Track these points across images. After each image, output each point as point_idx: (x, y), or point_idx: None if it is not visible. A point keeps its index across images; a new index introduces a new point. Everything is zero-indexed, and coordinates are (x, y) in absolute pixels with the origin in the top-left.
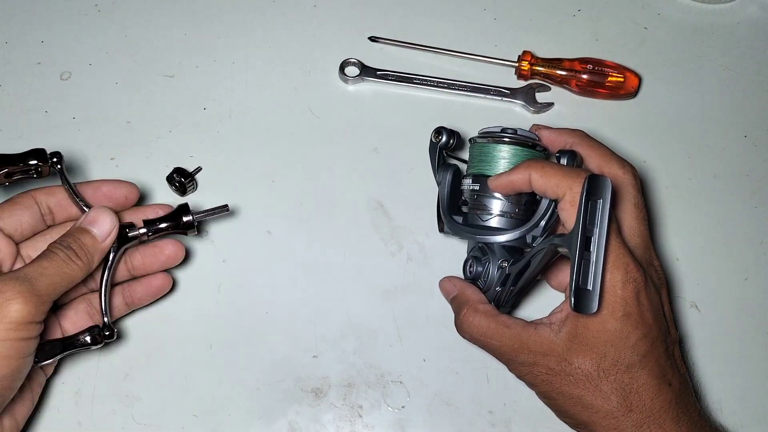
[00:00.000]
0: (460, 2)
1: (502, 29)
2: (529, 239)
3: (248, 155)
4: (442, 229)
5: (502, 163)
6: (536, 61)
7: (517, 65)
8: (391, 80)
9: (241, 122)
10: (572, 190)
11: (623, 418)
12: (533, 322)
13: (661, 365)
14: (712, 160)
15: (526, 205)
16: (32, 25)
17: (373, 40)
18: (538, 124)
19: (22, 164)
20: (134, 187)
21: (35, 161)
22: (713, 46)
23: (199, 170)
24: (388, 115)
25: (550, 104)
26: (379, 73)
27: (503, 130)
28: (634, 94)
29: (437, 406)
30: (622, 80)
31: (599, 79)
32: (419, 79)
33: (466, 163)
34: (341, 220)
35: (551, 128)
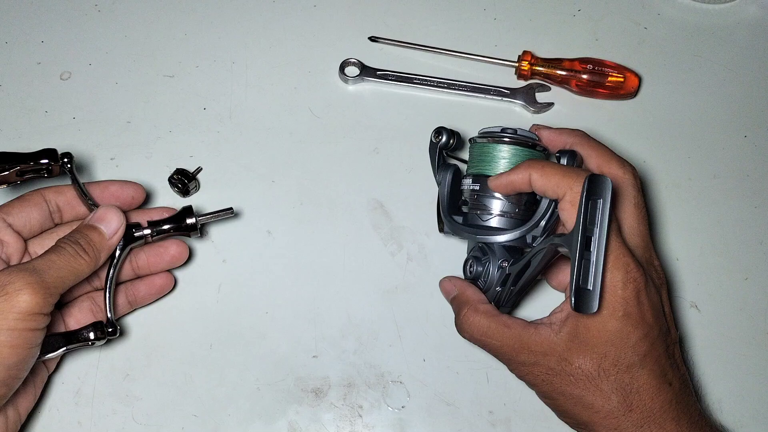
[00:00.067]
0: (460, 2)
1: (502, 29)
2: (529, 239)
3: (248, 155)
4: (442, 229)
5: (502, 163)
6: (536, 61)
7: (517, 65)
8: (391, 80)
9: (241, 122)
10: (572, 190)
11: (623, 417)
12: (533, 322)
13: (661, 365)
14: (712, 160)
15: (526, 205)
16: (32, 25)
17: (373, 40)
18: (538, 124)
19: (33, 163)
20: (141, 188)
21: (47, 160)
22: (713, 46)
23: (199, 170)
24: (388, 115)
25: (550, 104)
26: (379, 73)
27: (503, 130)
28: (634, 94)
29: (437, 406)
30: (622, 80)
31: (599, 79)
32: (419, 79)
33: (466, 163)
34: (341, 220)
35: (551, 128)
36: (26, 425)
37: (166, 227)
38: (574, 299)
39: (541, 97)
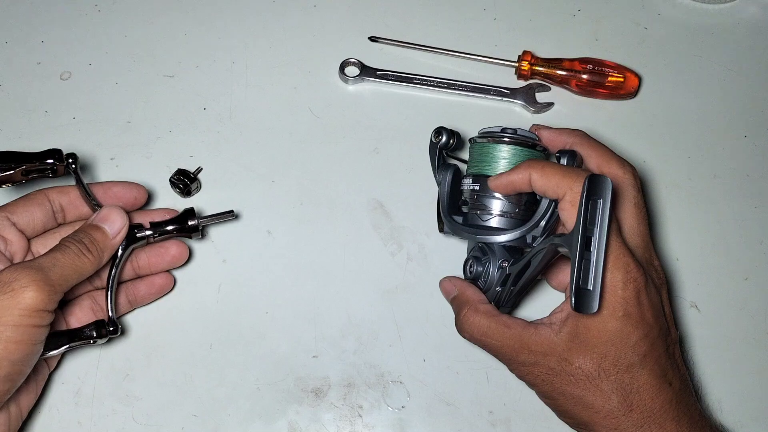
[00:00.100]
0: (460, 2)
1: (502, 29)
2: (529, 239)
3: (248, 155)
4: (442, 229)
5: (502, 163)
6: (536, 61)
7: (517, 65)
8: (391, 80)
9: (241, 122)
10: (572, 190)
11: (624, 417)
12: (534, 322)
13: (661, 365)
14: (711, 160)
15: (526, 205)
16: (32, 25)
17: (373, 40)
18: (538, 124)
19: (38, 163)
20: (143, 189)
21: (51, 160)
22: (713, 46)
23: (199, 171)
24: (388, 115)
25: (550, 104)
26: (379, 73)
27: (503, 130)
28: (634, 94)
29: (437, 406)
30: (622, 80)
31: (599, 79)
32: (419, 79)
33: (466, 163)
34: (341, 220)
35: (551, 128)
36: (26, 425)
37: (168, 228)
38: (574, 299)
39: (541, 97)
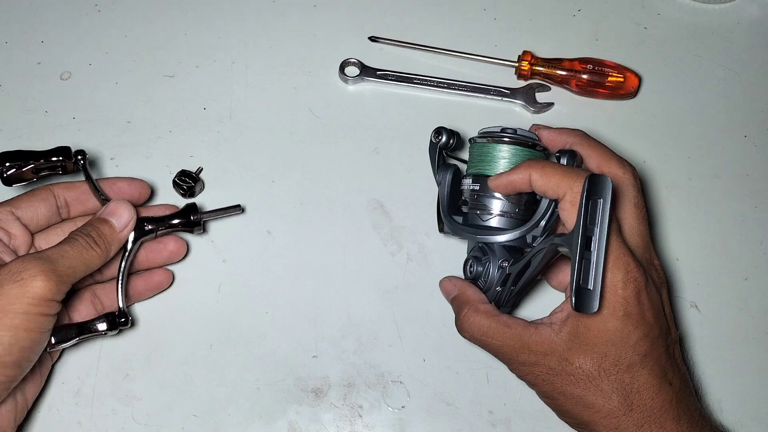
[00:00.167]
0: (460, 2)
1: (502, 29)
2: (529, 239)
3: (248, 155)
4: (442, 229)
5: (502, 163)
6: (536, 61)
7: (517, 65)
8: (391, 80)
9: (241, 122)
10: (572, 189)
11: (624, 417)
12: (534, 322)
13: (661, 365)
14: (711, 160)
15: (526, 204)
16: (32, 25)
17: (373, 40)
18: (538, 124)
19: (48, 160)
20: (146, 184)
21: (61, 157)
22: (713, 46)
23: (200, 171)
24: (388, 115)
25: (550, 104)
26: (379, 73)
27: (503, 130)
28: (634, 94)
29: (437, 406)
30: (622, 80)
31: (599, 79)
32: (419, 79)
33: (466, 163)
34: (341, 220)
35: (551, 128)
36: (27, 425)
37: (174, 222)
38: (574, 299)
39: (541, 97)
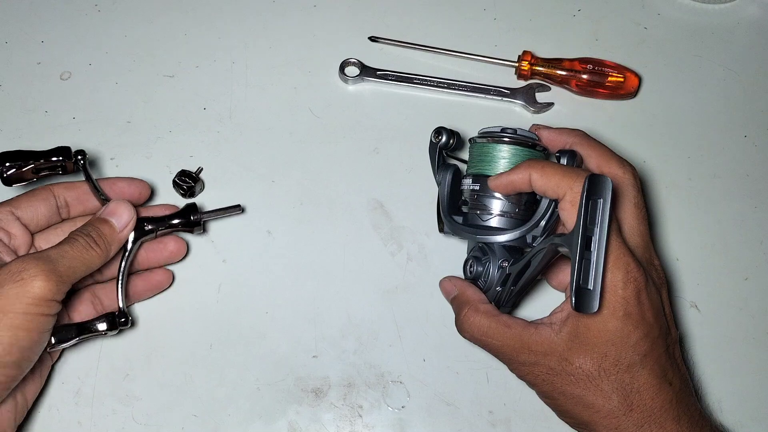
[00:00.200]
0: (460, 2)
1: (502, 29)
2: (529, 239)
3: (248, 155)
4: (442, 229)
5: (502, 163)
6: (536, 61)
7: (517, 65)
8: (391, 80)
9: (241, 122)
10: (572, 189)
11: (624, 417)
12: (534, 322)
13: (661, 365)
14: (711, 160)
15: (526, 204)
16: (32, 25)
17: (373, 40)
18: (538, 124)
19: (48, 160)
20: (146, 185)
21: (61, 157)
22: (713, 46)
23: (200, 171)
24: (388, 115)
25: (550, 104)
26: (379, 73)
27: (503, 130)
28: (634, 94)
29: (437, 406)
30: (622, 80)
31: (599, 79)
32: (419, 79)
33: (466, 163)
34: (341, 220)
35: (551, 128)
36: (26, 425)
37: (174, 222)
38: (574, 299)
39: (541, 97)
